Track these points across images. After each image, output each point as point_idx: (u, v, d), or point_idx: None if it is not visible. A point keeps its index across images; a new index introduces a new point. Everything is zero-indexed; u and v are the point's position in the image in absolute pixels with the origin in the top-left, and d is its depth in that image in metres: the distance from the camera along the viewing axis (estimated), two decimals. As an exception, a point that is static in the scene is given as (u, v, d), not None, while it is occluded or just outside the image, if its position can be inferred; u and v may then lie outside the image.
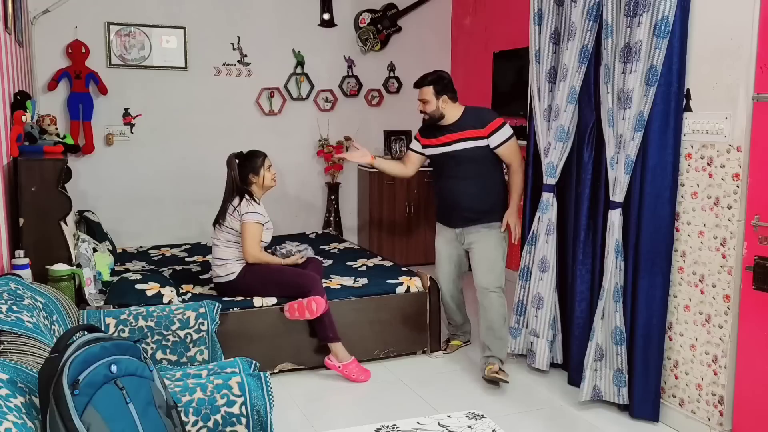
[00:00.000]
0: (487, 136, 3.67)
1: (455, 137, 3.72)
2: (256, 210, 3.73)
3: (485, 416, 2.12)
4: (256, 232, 3.72)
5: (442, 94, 3.73)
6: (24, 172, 3.17)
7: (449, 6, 6.57)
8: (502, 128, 3.69)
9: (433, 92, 3.72)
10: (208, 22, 5.71)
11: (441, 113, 3.74)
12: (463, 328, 4.22)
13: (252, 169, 3.79)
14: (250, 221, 3.70)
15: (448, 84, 3.76)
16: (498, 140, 3.68)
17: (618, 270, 3.25)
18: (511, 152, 3.72)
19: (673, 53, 3.02)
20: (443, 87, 3.72)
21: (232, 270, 3.75)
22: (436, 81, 3.73)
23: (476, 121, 3.70)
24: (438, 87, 3.71)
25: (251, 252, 3.71)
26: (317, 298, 3.63)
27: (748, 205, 2.84)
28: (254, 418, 2.08)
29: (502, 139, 3.68)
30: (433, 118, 3.76)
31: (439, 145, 3.78)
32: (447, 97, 3.73)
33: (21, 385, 1.68)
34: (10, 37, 3.66)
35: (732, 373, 2.94)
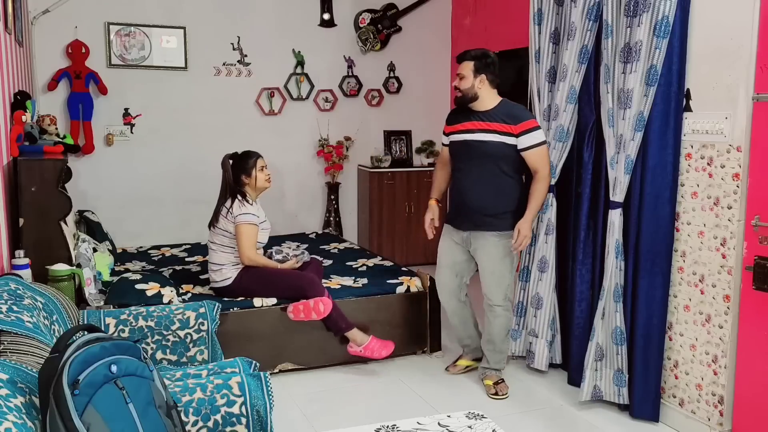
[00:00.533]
0: (516, 135, 3.36)
1: (481, 126, 3.41)
2: (248, 211, 3.68)
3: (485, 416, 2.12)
4: (251, 234, 3.69)
5: (482, 73, 3.39)
6: (24, 172, 3.17)
7: (449, 6, 6.57)
8: (535, 131, 3.37)
9: (473, 68, 3.39)
10: (208, 22, 5.71)
11: (475, 93, 3.40)
12: (471, 345, 3.82)
13: (244, 170, 3.75)
14: (243, 223, 3.66)
15: (492, 65, 3.42)
16: (528, 142, 3.36)
17: (618, 270, 3.26)
18: (540, 158, 3.39)
19: (673, 53, 3.02)
20: (484, 65, 3.40)
21: (227, 275, 3.73)
22: (479, 57, 3.42)
23: (509, 116, 3.38)
24: (479, 64, 3.40)
25: (247, 254, 3.69)
26: (324, 299, 3.63)
27: (748, 205, 2.84)
28: (254, 418, 2.08)
29: (533, 143, 3.36)
30: (465, 97, 3.43)
31: (462, 131, 3.47)
32: (486, 77, 3.40)
33: (21, 385, 1.68)
34: (10, 37, 3.66)
35: (732, 373, 2.94)
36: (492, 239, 3.45)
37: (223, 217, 3.71)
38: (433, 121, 6.64)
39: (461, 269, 3.63)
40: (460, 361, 3.87)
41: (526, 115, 3.41)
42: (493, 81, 3.43)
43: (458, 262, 3.61)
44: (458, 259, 3.61)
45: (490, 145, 3.39)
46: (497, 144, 3.38)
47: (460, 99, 3.46)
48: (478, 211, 3.45)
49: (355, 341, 3.72)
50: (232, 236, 3.71)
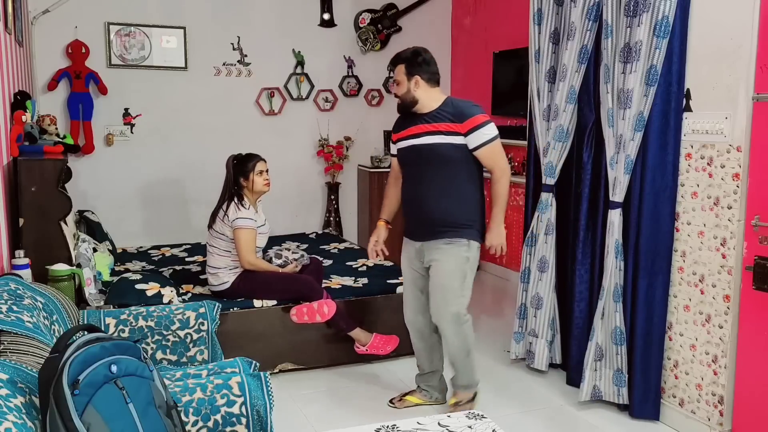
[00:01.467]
0: (464, 134, 3.05)
1: (426, 129, 3.11)
2: (245, 215, 3.65)
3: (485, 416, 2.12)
4: (249, 238, 3.66)
5: (415, 74, 3.12)
6: (24, 172, 3.17)
7: (449, 6, 6.57)
8: (484, 127, 3.06)
9: (405, 71, 3.13)
10: (208, 22, 5.71)
11: (413, 97, 3.13)
12: (429, 380, 3.41)
13: (242, 173, 3.74)
14: (240, 227, 3.64)
15: (424, 63, 3.14)
16: (477, 141, 3.06)
17: (618, 270, 3.26)
18: (494, 156, 3.09)
19: (673, 53, 3.02)
20: (416, 66, 3.13)
21: (225, 280, 3.72)
22: (408, 58, 3.15)
23: (455, 115, 3.08)
24: (410, 65, 3.13)
25: (247, 258, 3.67)
26: (327, 302, 3.63)
27: (748, 205, 2.84)
28: (254, 418, 2.08)
29: (482, 140, 3.06)
30: (404, 102, 3.17)
31: (408, 137, 3.18)
32: (421, 78, 3.12)
33: (21, 385, 1.68)
34: (10, 37, 3.66)
35: (732, 373, 2.94)
36: (444, 248, 3.12)
37: (220, 220, 3.70)
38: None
39: (422, 285, 3.28)
40: (409, 396, 3.44)
41: (472, 111, 3.08)
42: (430, 79, 3.15)
43: (418, 277, 3.28)
44: (417, 274, 3.28)
45: (438, 147, 3.09)
46: (445, 146, 3.08)
47: (401, 106, 3.21)
48: (430, 220, 3.15)
49: (359, 341, 3.72)
50: (229, 240, 3.70)
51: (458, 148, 3.08)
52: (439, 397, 3.42)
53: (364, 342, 3.72)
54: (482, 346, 4.24)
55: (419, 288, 3.30)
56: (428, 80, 3.14)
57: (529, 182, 3.90)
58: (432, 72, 3.16)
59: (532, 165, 3.86)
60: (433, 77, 3.16)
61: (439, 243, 3.13)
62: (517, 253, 5.58)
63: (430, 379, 3.42)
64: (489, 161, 3.11)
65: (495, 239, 3.16)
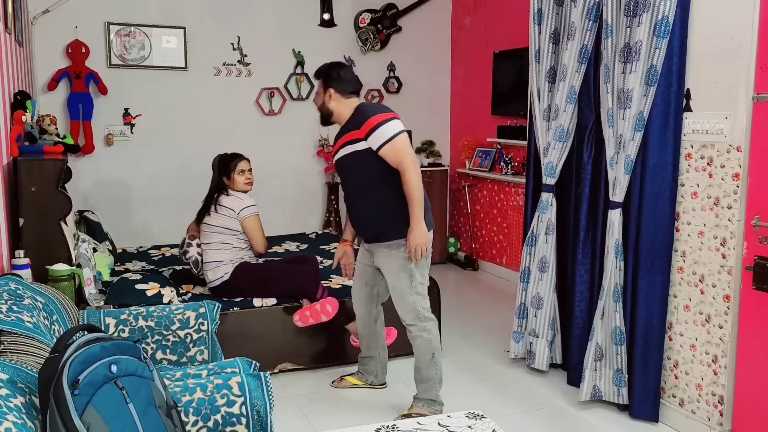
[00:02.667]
0: (364, 138, 3.05)
1: (341, 141, 3.18)
2: (249, 203, 3.77)
3: (485, 416, 2.12)
4: (260, 223, 3.80)
5: (328, 87, 3.19)
6: (24, 172, 3.17)
7: (449, 6, 6.57)
8: (382, 126, 3.01)
9: (322, 84, 3.24)
10: (208, 22, 5.71)
11: (328, 109, 3.21)
12: (366, 364, 3.57)
13: (225, 172, 3.83)
14: (251, 215, 3.75)
15: (338, 75, 3.20)
16: (378, 142, 3.01)
17: (618, 270, 3.25)
18: (395, 153, 3.01)
19: (673, 53, 3.02)
20: (330, 79, 3.20)
21: (224, 271, 3.73)
22: (323, 72, 3.24)
23: (356, 121, 3.11)
24: (326, 79, 3.21)
25: (263, 242, 3.80)
26: (330, 300, 3.64)
27: (748, 205, 2.84)
28: (254, 418, 2.08)
29: (382, 140, 3.00)
30: (322, 115, 3.26)
31: (336, 152, 3.25)
32: (334, 91, 3.18)
33: (21, 385, 1.68)
34: (10, 37, 3.66)
35: (732, 373, 2.94)
36: (385, 251, 3.17)
37: (222, 215, 3.72)
38: (433, 121, 6.65)
39: (369, 279, 3.37)
40: (348, 377, 3.64)
41: (368, 113, 3.08)
42: (344, 91, 3.20)
43: (366, 271, 3.36)
44: (366, 269, 3.36)
45: (349, 158, 3.14)
46: (353, 155, 3.11)
47: (322, 119, 3.29)
48: (364, 226, 3.25)
49: (355, 333, 3.72)
50: (231, 232, 3.73)
51: (364, 153, 3.07)
52: (374, 381, 3.58)
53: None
54: (482, 346, 4.25)
55: (365, 281, 3.39)
56: (342, 91, 3.19)
57: (529, 182, 3.90)
58: (347, 81, 3.20)
59: (532, 165, 3.86)
60: (349, 87, 3.20)
61: (381, 247, 3.18)
62: (517, 253, 5.59)
63: (368, 362, 3.57)
64: (393, 160, 3.03)
65: (414, 239, 3.04)
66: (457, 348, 4.21)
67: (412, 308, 3.16)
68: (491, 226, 6.14)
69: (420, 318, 3.17)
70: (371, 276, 3.36)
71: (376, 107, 3.19)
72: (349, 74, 3.24)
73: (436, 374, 3.22)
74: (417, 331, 3.19)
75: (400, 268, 3.13)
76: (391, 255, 3.15)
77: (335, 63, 3.30)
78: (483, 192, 6.21)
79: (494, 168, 5.95)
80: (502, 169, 5.79)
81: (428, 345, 3.19)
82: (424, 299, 3.19)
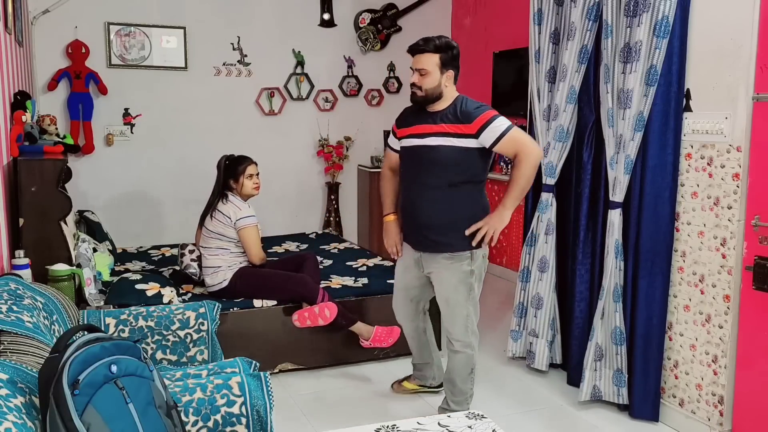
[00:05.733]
0: (475, 134, 2.84)
1: (435, 129, 2.89)
2: (247, 213, 3.70)
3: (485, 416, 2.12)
4: (257, 235, 3.74)
5: (449, 69, 2.89)
6: (24, 172, 3.17)
7: (449, 6, 6.57)
8: (494, 121, 2.83)
9: (439, 63, 2.86)
10: (208, 22, 5.71)
11: (441, 93, 2.90)
12: (422, 370, 3.48)
13: (233, 174, 3.77)
14: (249, 225, 3.68)
15: (458, 57, 2.93)
16: (492, 137, 2.83)
17: (618, 270, 3.26)
18: (514, 143, 2.83)
19: (673, 53, 3.02)
20: (451, 59, 2.89)
21: (223, 278, 3.72)
22: (444, 48, 2.87)
23: (463, 114, 2.87)
24: (446, 57, 2.87)
25: (258, 254, 3.74)
26: (329, 305, 3.63)
27: (748, 205, 2.84)
28: (254, 418, 2.08)
29: (497, 135, 2.83)
30: (428, 98, 2.91)
31: (413, 136, 2.97)
32: (453, 74, 2.92)
33: (21, 385, 1.68)
34: (10, 37, 3.66)
35: (732, 373, 2.94)
36: (444, 262, 2.95)
37: (218, 220, 3.70)
38: (433, 121, 6.64)
39: (416, 294, 3.20)
40: (405, 382, 3.55)
41: (479, 110, 2.87)
42: (456, 77, 2.96)
43: (412, 287, 3.18)
44: (412, 284, 3.17)
45: (442, 150, 2.87)
46: (451, 149, 2.86)
47: (422, 99, 2.92)
48: (428, 229, 2.96)
49: (362, 335, 3.72)
50: (228, 239, 3.71)
51: (466, 151, 2.86)
52: (433, 383, 3.50)
53: (367, 336, 3.72)
54: (482, 346, 4.22)
55: (410, 298, 3.23)
56: (456, 77, 2.95)
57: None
58: (459, 68, 2.97)
59: (532, 165, 3.86)
60: (458, 74, 2.97)
61: (439, 257, 2.96)
62: (517, 253, 5.58)
63: (423, 368, 3.49)
64: (511, 150, 2.85)
65: (493, 221, 2.88)
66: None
67: (464, 322, 3.00)
68: (491, 226, 6.13)
69: (469, 333, 3.03)
70: (419, 291, 3.18)
71: (477, 103, 2.93)
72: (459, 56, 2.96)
73: (471, 388, 3.14)
74: (462, 347, 3.04)
75: (459, 281, 2.95)
76: (451, 267, 2.94)
77: (449, 39, 2.93)
78: (483, 192, 6.20)
79: (494, 168, 5.95)
80: (502, 169, 5.79)
81: (470, 361, 3.07)
82: (476, 313, 3.05)
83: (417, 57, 2.90)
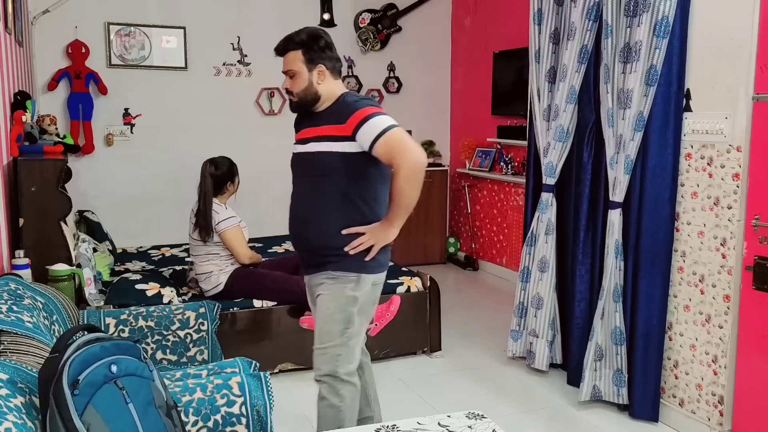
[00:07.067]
0: (351, 136, 2.35)
1: (315, 132, 2.46)
2: (225, 216, 3.62)
3: (485, 416, 2.11)
4: (239, 235, 3.65)
5: (317, 63, 2.44)
6: (24, 172, 3.17)
7: (449, 6, 6.57)
8: (371, 119, 2.33)
9: (304, 59, 2.44)
10: (208, 22, 5.71)
11: (316, 93, 2.45)
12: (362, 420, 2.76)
13: (230, 177, 3.73)
14: (228, 227, 3.61)
15: (327, 48, 2.46)
16: (368, 139, 2.32)
17: (618, 270, 3.25)
18: (390, 149, 2.31)
19: (673, 53, 3.02)
20: (319, 52, 2.44)
21: (218, 281, 3.70)
22: (306, 42, 2.44)
23: (339, 113, 2.40)
24: (311, 51, 2.44)
25: (244, 253, 3.68)
26: None
27: (748, 205, 2.84)
28: (254, 418, 2.08)
29: (373, 136, 2.31)
30: (302, 103, 2.49)
31: (298, 142, 2.56)
32: (326, 68, 2.45)
33: (21, 385, 1.68)
34: (10, 37, 3.66)
35: (732, 373, 2.94)
36: (328, 282, 2.47)
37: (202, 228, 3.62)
38: (433, 121, 6.65)
39: None
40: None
41: (354, 106, 2.38)
42: (334, 70, 2.49)
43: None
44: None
45: (318, 157, 2.43)
46: (327, 155, 2.40)
47: (296, 105, 2.53)
48: (310, 247, 2.51)
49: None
50: (214, 244, 3.65)
51: (347, 156, 2.38)
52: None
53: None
54: (482, 346, 4.25)
55: None
56: (332, 70, 2.47)
57: (529, 182, 3.90)
58: (335, 59, 2.50)
59: (532, 165, 3.86)
60: (337, 66, 2.50)
61: (322, 277, 2.48)
62: (517, 253, 5.58)
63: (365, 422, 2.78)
64: (386, 156, 2.33)
65: (376, 233, 2.40)
66: (457, 348, 4.21)
67: (333, 359, 2.47)
68: (491, 226, 6.14)
69: (338, 375, 2.47)
70: None
71: (357, 98, 2.46)
72: (334, 46, 2.52)
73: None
74: (326, 392, 2.49)
75: (337, 309, 2.45)
76: (333, 291, 2.46)
77: (314, 30, 2.50)
78: (483, 192, 6.21)
79: (494, 168, 5.95)
80: (502, 169, 5.79)
81: (335, 415, 2.47)
82: (350, 357, 2.48)
83: (284, 58, 2.53)
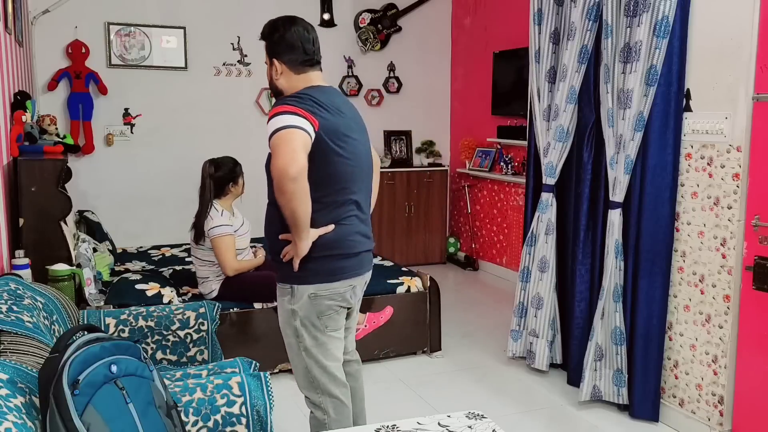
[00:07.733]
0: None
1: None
2: (219, 222, 3.55)
3: (485, 416, 2.11)
4: (228, 245, 3.56)
5: (272, 57, 2.32)
6: (24, 172, 3.17)
7: (449, 6, 6.57)
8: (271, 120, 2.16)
9: (266, 52, 2.36)
10: (208, 22, 5.71)
11: (276, 87, 2.34)
12: None
13: (233, 178, 3.67)
14: (218, 235, 3.54)
15: (281, 41, 2.30)
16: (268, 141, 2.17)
17: (618, 270, 3.26)
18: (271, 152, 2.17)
19: (673, 53, 3.02)
20: (274, 45, 2.31)
21: (212, 288, 3.69)
22: (266, 35, 2.35)
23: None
24: (270, 46, 2.33)
25: (229, 265, 3.57)
26: None
27: (748, 205, 2.84)
28: (254, 418, 2.08)
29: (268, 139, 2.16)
30: (274, 95, 2.39)
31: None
32: (283, 62, 2.30)
33: (21, 385, 1.68)
34: (10, 37, 3.66)
35: (732, 373, 2.94)
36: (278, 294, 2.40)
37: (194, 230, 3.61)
38: (433, 121, 6.65)
39: None
40: None
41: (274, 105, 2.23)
42: (295, 63, 2.29)
43: None
44: None
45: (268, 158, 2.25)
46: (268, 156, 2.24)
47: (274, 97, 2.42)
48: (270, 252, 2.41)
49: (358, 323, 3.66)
50: (209, 249, 3.62)
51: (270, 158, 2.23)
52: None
53: (361, 320, 3.63)
54: (482, 346, 4.25)
55: None
56: (291, 64, 2.29)
57: (529, 182, 3.90)
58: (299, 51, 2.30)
59: (532, 165, 3.86)
60: (301, 56, 2.30)
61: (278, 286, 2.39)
62: (517, 253, 5.58)
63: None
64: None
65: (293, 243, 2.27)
66: (457, 348, 4.21)
67: (304, 373, 2.40)
68: (491, 226, 6.14)
69: (315, 388, 2.40)
70: None
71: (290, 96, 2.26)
72: (297, 36, 2.31)
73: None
74: (310, 406, 2.46)
75: (284, 323, 2.39)
76: (281, 300, 2.38)
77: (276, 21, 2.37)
78: (483, 192, 6.21)
79: (494, 168, 5.95)
80: (502, 169, 5.79)
81: (321, 426, 2.43)
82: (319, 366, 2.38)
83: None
